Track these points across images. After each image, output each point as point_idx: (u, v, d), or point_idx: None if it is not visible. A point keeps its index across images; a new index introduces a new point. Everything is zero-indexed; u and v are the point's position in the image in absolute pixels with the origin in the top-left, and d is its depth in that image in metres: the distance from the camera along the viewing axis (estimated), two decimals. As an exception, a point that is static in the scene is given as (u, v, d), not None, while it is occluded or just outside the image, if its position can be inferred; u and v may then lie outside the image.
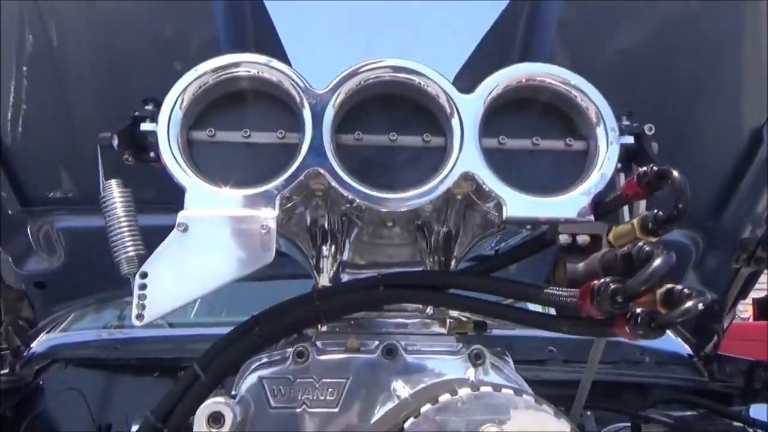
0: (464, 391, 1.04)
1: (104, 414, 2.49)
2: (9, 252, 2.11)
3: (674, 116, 1.81)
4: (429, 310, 1.48)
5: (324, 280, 1.49)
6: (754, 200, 2.01)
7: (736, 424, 1.96)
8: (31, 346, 2.51)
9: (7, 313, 2.33)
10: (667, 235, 2.24)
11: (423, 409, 1.03)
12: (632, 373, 2.55)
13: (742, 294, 2.42)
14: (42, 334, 2.60)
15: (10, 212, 2.00)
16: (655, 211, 1.06)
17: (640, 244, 1.02)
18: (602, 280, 1.01)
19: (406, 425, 1.02)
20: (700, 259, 2.31)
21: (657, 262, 0.97)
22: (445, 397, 1.03)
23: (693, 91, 1.78)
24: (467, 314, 1.45)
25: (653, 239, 1.05)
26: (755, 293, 2.50)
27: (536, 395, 1.05)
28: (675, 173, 1.03)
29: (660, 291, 1.01)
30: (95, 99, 1.77)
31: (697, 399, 2.21)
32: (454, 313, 1.48)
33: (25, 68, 1.69)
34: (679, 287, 0.98)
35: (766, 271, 2.28)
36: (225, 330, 1.32)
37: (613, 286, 0.99)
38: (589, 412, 1.85)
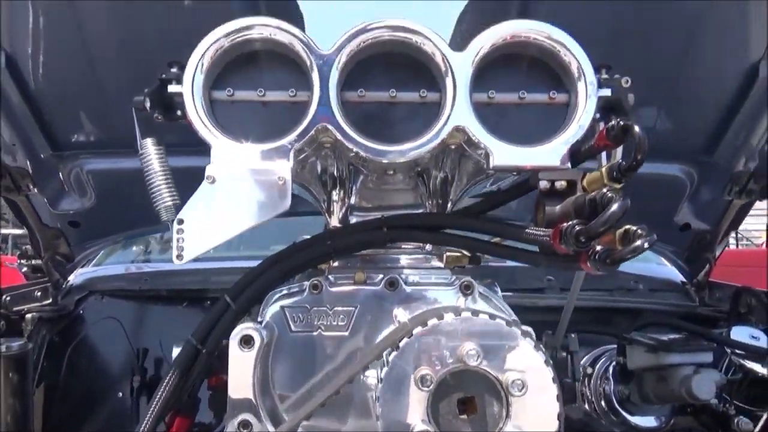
0: (449, 317, 1.24)
1: (140, 340, 2.68)
2: (44, 194, 2.26)
3: (672, 51, 1.83)
4: (428, 247, 1.64)
5: (334, 221, 1.67)
6: (748, 135, 2.06)
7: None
8: (69, 279, 2.69)
9: (47, 250, 2.51)
10: (664, 170, 2.33)
11: (415, 331, 1.24)
12: (624, 299, 2.68)
13: (734, 225, 2.51)
14: (78, 269, 2.79)
15: (42, 156, 2.14)
16: (620, 161, 1.20)
17: (604, 190, 1.17)
18: (569, 223, 1.18)
19: (401, 344, 1.23)
20: (695, 192, 2.40)
21: (614, 207, 1.12)
22: (432, 321, 1.24)
23: (692, 25, 1.79)
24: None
25: (617, 186, 1.19)
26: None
27: (511, 319, 1.24)
28: (636, 129, 1.15)
29: (619, 231, 1.16)
30: (114, 42, 1.81)
31: (679, 322, 2.32)
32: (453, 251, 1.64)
33: (41, 17, 1.74)
34: (634, 228, 1.13)
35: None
36: (243, 262, 1.48)
37: (577, 228, 1.15)
38: (573, 335, 2.04)
